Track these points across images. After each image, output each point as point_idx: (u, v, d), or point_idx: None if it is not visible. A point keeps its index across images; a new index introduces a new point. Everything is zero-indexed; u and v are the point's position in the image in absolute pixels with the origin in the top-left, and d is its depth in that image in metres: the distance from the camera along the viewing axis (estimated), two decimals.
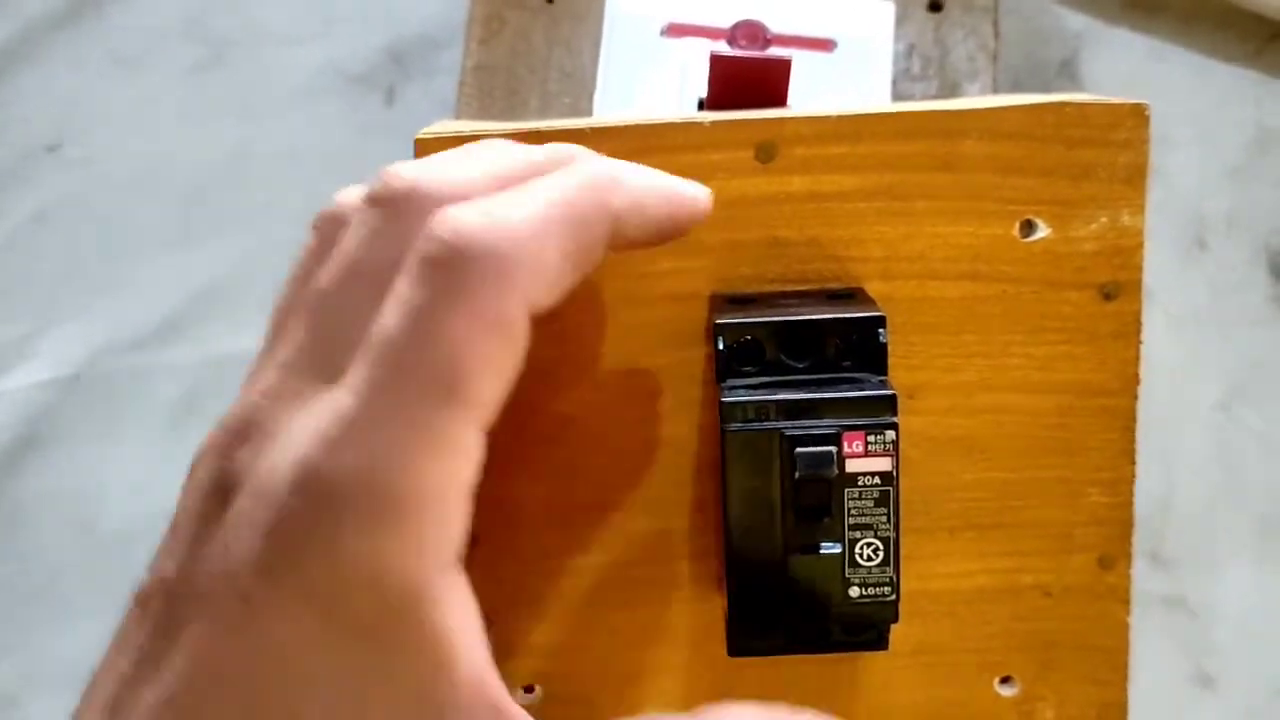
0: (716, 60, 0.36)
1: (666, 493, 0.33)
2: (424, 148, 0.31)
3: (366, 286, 0.23)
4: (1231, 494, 0.43)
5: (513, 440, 0.31)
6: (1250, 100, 0.46)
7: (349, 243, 0.24)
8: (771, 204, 0.32)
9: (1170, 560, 0.42)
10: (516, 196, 0.24)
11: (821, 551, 0.29)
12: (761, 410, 0.29)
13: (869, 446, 0.28)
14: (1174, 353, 0.44)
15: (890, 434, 0.28)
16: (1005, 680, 0.33)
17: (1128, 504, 0.33)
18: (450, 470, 0.22)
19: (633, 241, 0.26)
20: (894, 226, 0.32)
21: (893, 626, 0.31)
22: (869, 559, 0.29)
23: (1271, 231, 0.45)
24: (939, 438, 0.33)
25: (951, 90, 0.46)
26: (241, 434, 0.24)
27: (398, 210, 0.24)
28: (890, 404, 0.29)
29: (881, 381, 0.29)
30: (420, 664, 0.22)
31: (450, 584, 0.23)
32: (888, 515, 0.29)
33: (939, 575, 0.33)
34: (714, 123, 0.31)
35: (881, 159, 0.32)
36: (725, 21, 0.45)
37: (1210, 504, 0.43)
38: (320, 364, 0.23)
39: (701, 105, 0.41)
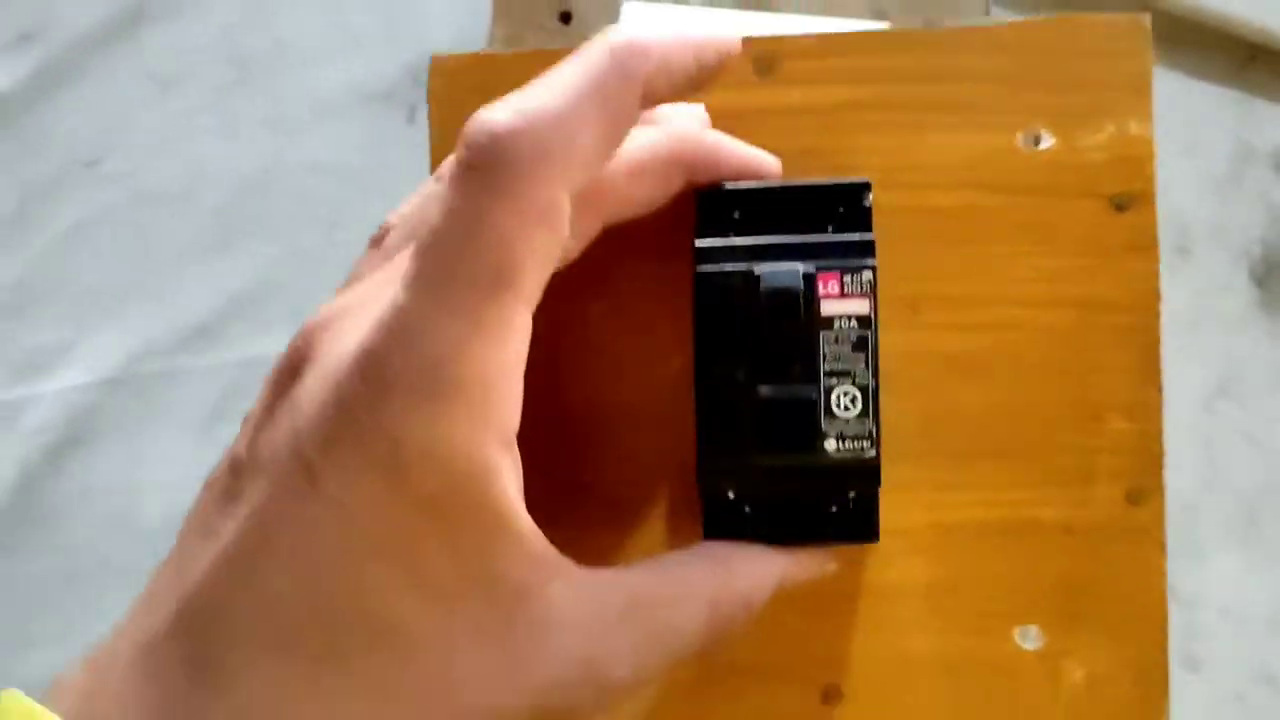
0: None
1: (662, 409, 0.31)
2: (438, 62, 0.32)
3: (431, 202, 0.25)
4: (1216, 486, 0.45)
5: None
6: (1231, 117, 0.48)
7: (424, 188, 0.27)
8: (770, 116, 0.31)
9: None
10: (542, 86, 0.24)
11: (796, 393, 0.27)
12: (733, 252, 0.27)
13: (845, 287, 0.27)
14: (1161, 353, 0.46)
15: (868, 274, 0.27)
16: (1028, 632, 0.30)
17: (1156, 433, 0.30)
18: (504, 353, 0.23)
19: (665, 98, 0.26)
20: (892, 137, 0.31)
21: (902, 562, 0.29)
22: (846, 409, 0.27)
23: (1252, 241, 0.47)
24: (943, 353, 0.31)
25: None
26: (323, 324, 0.25)
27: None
28: (868, 247, 0.27)
29: (862, 233, 0.28)
30: (480, 534, 0.23)
31: (507, 459, 0.24)
32: (866, 361, 0.27)
33: (948, 505, 0.31)
34: None
35: (879, 72, 0.31)
36: None
37: (1196, 495, 0.45)
38: (394, 268, 0.25)
39: None
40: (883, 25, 0.48)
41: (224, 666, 0.23)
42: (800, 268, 0.27)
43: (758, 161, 0.30)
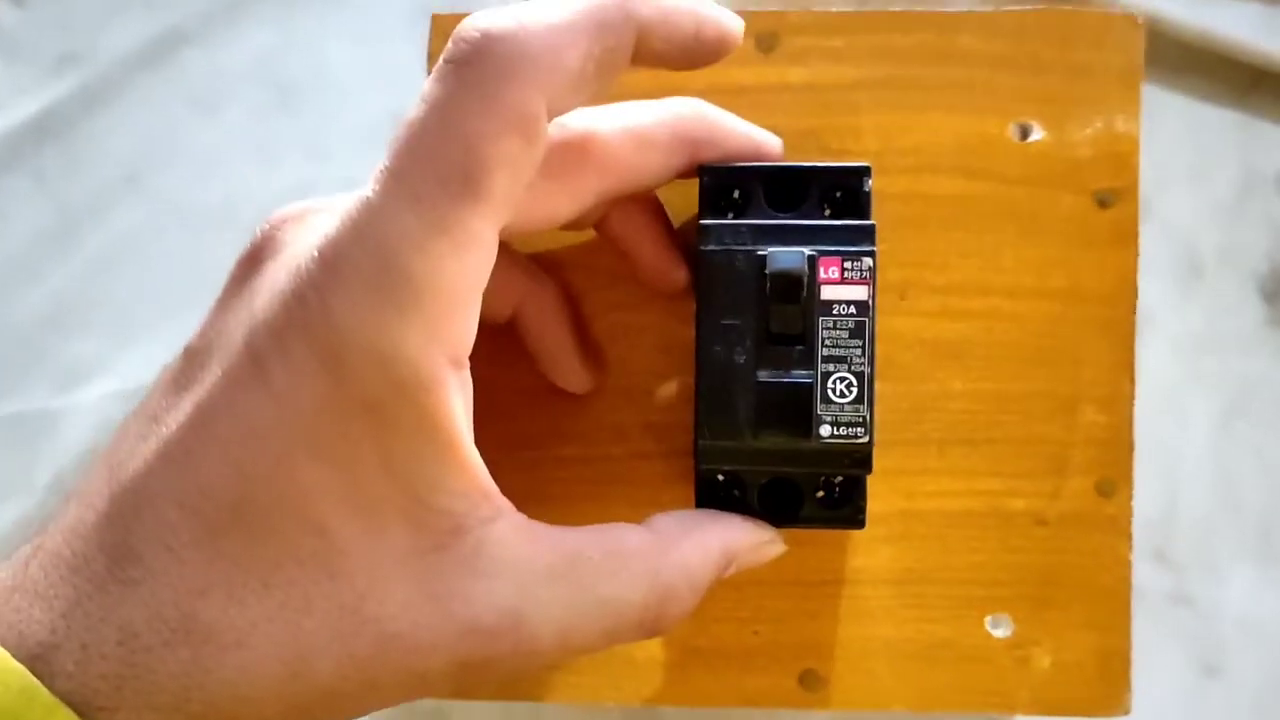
0: None
1: (647, 384, 0.32)
2: (439, 21, 0.33)
3: None
4: (1231, 500, 0.46)
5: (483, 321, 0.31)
6: (1237, 142, 0.50)
7: None
8: (770, 93, 0.32)
9: (1176, 561, 0.45)
10: (545, 3, 0.24)
11: (794, 379, 0.27)
12: (738, 233, 0.27)
13: (845, 273, 0.27)
14: (1174, 372, 0.48)
15: (868, 261, 0.27)
16: (998, 620, 0.31)
17: (1126, 425, 0.31)
18: (462, 261, 0.22)
19: (660, 57, 0.26)
20: (890, 117, 0.32)
21: (878, 550, 0.30)
22: (842, 395, 0.27)
23: (1260, 259, 0.49)
24: (930, 341, 0.32)
25: None
26: (294, 216, 0.25)
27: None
28: (869, 233, 0.28)
29: (862, 219, 0.28)
30: (419, 452, 0.22)
31: (454, 378, 0.23)
32: (862, 348, 0.27)
33: (926, 494, 0.31)
34: None
35: (879, 50, 0.32)
36: None
37: (1212, 509, 0.46)
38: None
39: None
40: None
41: (143, 559, 0.21)
42: (805, 251, 0.27)
43: (759, 139, 0.30)
